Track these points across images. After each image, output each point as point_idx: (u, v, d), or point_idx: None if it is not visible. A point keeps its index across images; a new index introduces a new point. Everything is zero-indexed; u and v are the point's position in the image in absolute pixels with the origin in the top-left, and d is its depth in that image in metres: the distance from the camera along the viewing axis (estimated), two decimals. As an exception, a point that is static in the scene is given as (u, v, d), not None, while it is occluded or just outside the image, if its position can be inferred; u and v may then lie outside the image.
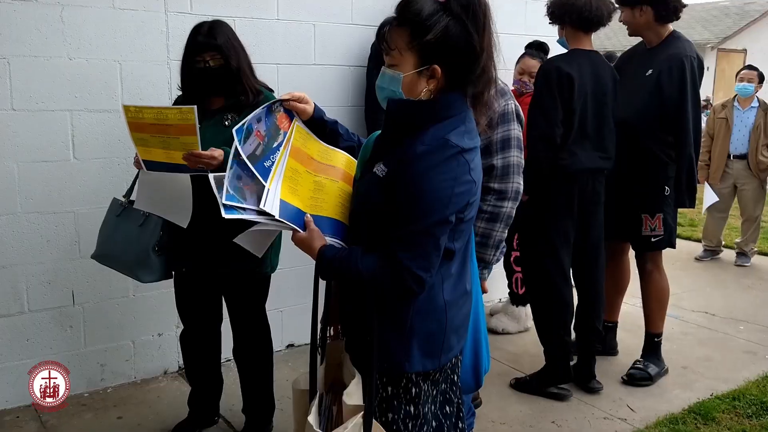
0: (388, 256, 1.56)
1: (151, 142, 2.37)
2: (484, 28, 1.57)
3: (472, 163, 1.60)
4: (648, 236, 3.53)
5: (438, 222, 1.54)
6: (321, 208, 1.76)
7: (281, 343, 3.83)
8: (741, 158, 6.01)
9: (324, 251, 1.66)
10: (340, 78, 3.79)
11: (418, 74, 1.59)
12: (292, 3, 3.55)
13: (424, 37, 1.55)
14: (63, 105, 3.05)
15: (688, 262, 6.22)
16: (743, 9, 20.54)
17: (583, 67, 3.15)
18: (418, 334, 1.66)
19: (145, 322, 3.40)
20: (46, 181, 3.06)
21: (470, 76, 1.61)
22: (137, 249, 2.59)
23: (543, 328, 3.39)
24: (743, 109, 6.03)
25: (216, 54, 2.54)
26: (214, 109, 2.63)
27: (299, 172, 1.77)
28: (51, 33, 2.98)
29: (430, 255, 1.56)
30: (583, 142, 3.19)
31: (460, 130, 1.59)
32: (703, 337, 4.31)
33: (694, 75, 3.38)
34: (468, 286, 1.78)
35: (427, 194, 1.52)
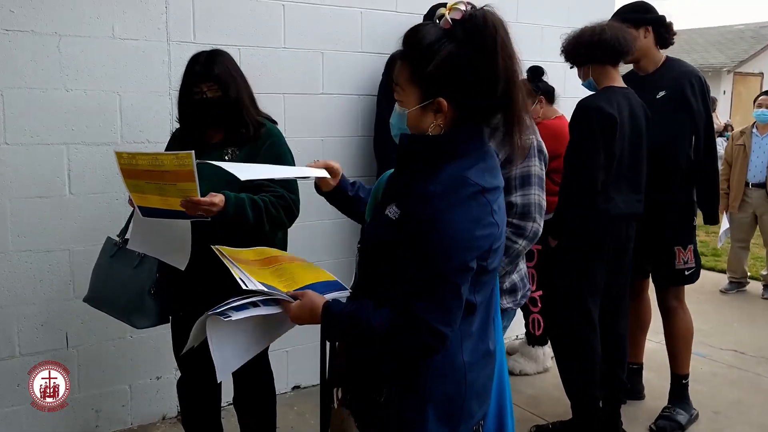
0: (402, 308, 1.38)
1: (146, 188, 2.23)
2: (497, 51, 1.37)
3: (495, 204, 1.42)
4: (681, 269, 3.35)
5: (458, 268, 1.36)
6: (297, 283, 1.61)
7: (286, 385, 3.65)
8: (759, 187, 5.78)
9: (329, 306, 1.49)
10: (349, 108, 3.65)
11: (423, 109, 1.45)
12: (298, 31, 3.43)
13: (425, 69, 1.41)
14: (59, 138, 2.92)
15: (714, 294, 5.98)
16: (758, 32, 20.39)
17: (622, 106, 2.93)
18: (434, 398, 1.47)
19: (143, 365, 3.24)
20: (40, 217, 2.92)
21: (487, 107, 1.44)
22: (132, 292, 2.43)
23: (570, 381, 3.16)
24: (762, 136, 5.82)
25: (213, 84, 2.40)
26: (214, 143, 2.49)
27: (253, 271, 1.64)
28: (47, 64, 2.86)
29: (450, 306, 1.37)
30: (619, 185, 2.97)
31: (479, 167, 1.43)
32: (734, 377, 4.08)
33: (705, 93, 3.31)
34: (491, 345, 1.58)
35: (445, 237, 1.35)
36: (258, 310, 1.53)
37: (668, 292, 3.44)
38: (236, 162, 2.43)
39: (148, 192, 2.23)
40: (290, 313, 1.54)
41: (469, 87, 1.41)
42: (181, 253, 2.36)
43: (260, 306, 1.54)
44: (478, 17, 1.39)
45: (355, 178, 3.66)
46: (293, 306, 1.53)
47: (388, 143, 3.45)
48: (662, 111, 3.21)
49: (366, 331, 1.41)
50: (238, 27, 3.27)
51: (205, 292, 2.42)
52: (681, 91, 3.24)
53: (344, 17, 3.56)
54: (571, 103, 3.52)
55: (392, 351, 1.42)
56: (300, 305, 1.53)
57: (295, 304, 1.53)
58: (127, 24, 3.01)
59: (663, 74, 3.33)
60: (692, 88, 3.25)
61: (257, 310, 1.53)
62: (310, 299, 1.52)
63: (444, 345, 1.39)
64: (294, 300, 1.55)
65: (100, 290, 2.52)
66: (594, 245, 2.99)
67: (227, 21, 3.23)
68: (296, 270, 1.71)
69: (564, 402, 3.23)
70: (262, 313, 1.53)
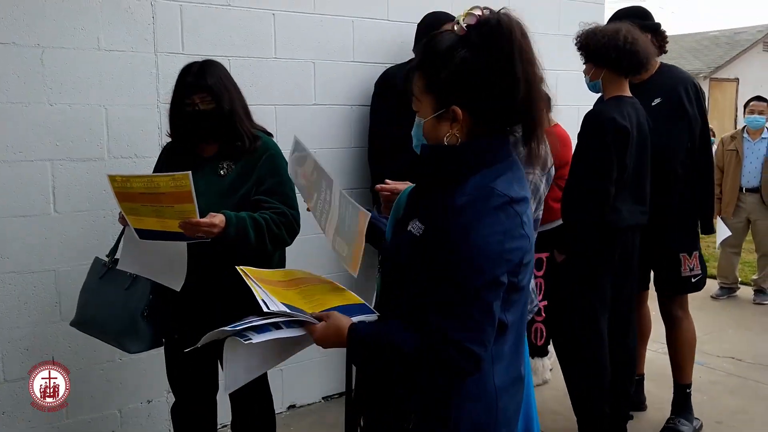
0: (431, 329, 1.29)
1: (142, 211, 2.15)
2: (513, 55, 1.31)
3: (524, 216, 1.35)
4: (688, 277, 3.30)
5: (489, 283, 1.28)
6: (323, 304, 1.53)
7: (282, 404, 3.54)
8: (754, 191, 5.80)
9: (355, 327, 1.41)
10: (342, 118, 3.57)
11: (438, 118, 1.38)
12: (289, 41, 3.35)
13: (439, 76, 1.35)
14: (43, 154, 2.80)
15: (704, 300, 5.96)
16: (733, 38, 20.70)
17: (632, 118, 2.86)
18: (464, 424, 1.38)
19: (133, 388, 3.11)
20: (24, 237, 2.80)
21: (505, 114, 1.37)
22: (123, 315, 2.33)
23: (578, 396, 3.09)
24: (753, 141, 5.85)
25: (206, 96, 2.31)
26: (207, 156, 2.40)
27: (278, 292, 1.56)
28: (30, 77, 2.75)
29: (482, 324, 1.29)
30: (624, 197, 2.91)
31: (507, 177, 1.35)
32: (734, 386, 4.04)
33: (701, 98, 3.30)
34: (522, 370, 1.50)
35: (474, 251, 1.27)
36: (280, 332, 1.45)
37: (673, 301, 3.39)
38: (232, 175, 2.35)
39: (145, 215, 2.15)
40: (314, 335, 1.45)
41: (485, 93, 1.34)
42: (176, 274, 2.27)
43: (283, 328, 1.47)
44: (493, 21, 1.34)
45: (348, 189, 3.61)
46: (318, 327, 1.45)
47: (383, 154, 3.39)
48: (658, 118, 3.17)
49: (393, 355, 1.34)
50: (228, 37, 3.18)
51: (202, 314, 2.33)
52: (677, 98, 3.21)
53: (336, 26, 3.49)
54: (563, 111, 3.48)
55: (422, 375, 1.34)
56: (325, 327, 1.44)
57: (320, 326, 1.45)
58: (112, 35, 2.91)
59: (658, 81, 3.29)
60: (687, 95, 3.22)
61: (279, 333, 1.45)
62: (336, 321, 1.44)
63: (477, 367, 1.31)
64: (318, 321, 1.47)
65: (89, 314, 2.41)
66: (601, 257, 2.93)
67: (216, 31, 3.14)
68: (323, 292, 1.63)
69: (565, 415, 3.16)
70: (284, 335, 1.46)
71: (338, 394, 3.70)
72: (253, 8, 3.23)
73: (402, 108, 3.41)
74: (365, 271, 3.43)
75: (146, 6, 2.97)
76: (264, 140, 2.46)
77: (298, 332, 1.47)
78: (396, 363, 1.35)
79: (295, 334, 1.46)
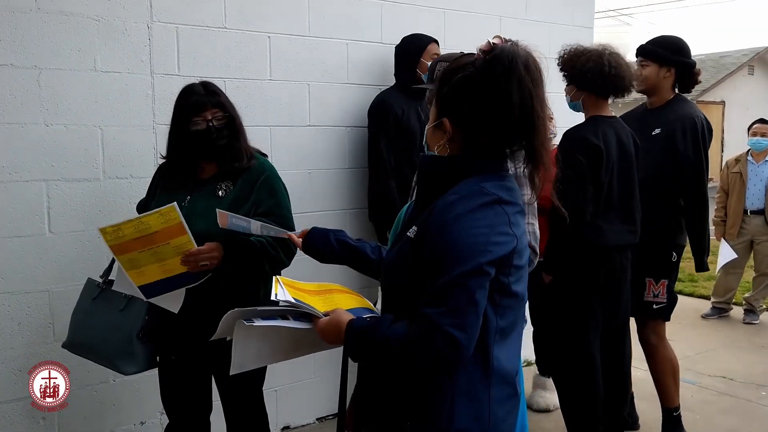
0: (417, 316, 1.35)
1: (141, 259, 2.15)
2: (512, 80, 1.39)
3: (513, 217, 1.41)
4: (650, 302, 3.31)
5: (472, 271, 1.33)
6: (336, 305, 1.58)
7: (276, 425, 3.52)
8: (758, 213, 5.82)
9: (352, 323, 1.46)
10: (337, 139, 3.60)
11: (436, 128, 1.51)
12: (284, 63, 3.39)
13: (442, 90, 1.49)
14: (38, 175, 2.81)
15: (695, 320, 6.00)
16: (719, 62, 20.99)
17: (609, 136, 2.89)
18: (456, 430, 1.41)
19: (127, 410, 3.09)
20: (18, 257, 2.79)
21: (501, 133, 1.44)
22: (119, 337, 2.32)
23: (573, 421, 3.08)
24: (758, 163, 5.87)
25: (218, 111, 2.34)
26: (206, 178, 2.41)
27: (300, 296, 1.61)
28: (27, 98, 2.76)
29: (464, 311, 1.33)
30: (609, 216, 2.92)
31: (496, 183, 1.44)
32: (726, 405, 4.05)
33: (705, 136, 3.27)
34: (517, 387, 1.53)
35: (459, 240, 1.35)
36: (286, 322, 1.53)
37: (646, 327, 3.41)
38: (231, 196, 2.36)
39: (145, 263, 2.16)
40: (317, 328, 1.52)
41: (477, 111, 1.43)
42: (174, 296, 2.27)
43: (290, 319, 1.54)
44: (498, 49, 1.42)
45: (343, 210, 3.63)
46: (321, 321, 1.52)
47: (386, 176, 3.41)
48: (652, 148, 3.21)
49: (383, 345, 1.39)
50: (224, 59, 3.21)
51: (200, 335, 2.32)
52: (672, 134, 3.23)
53: (330, 49, 3.53)
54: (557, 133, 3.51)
55: (407, 360, 1.38)
56: (327, 321, 1.51)
57: (323, 320, 1.52)
58: (109, 56, 2.93)
59: (663, 113, 3.32)
60: (683, 133, 3.23)
61: (285, 322, 1.53)
62: (338, 316, 1.50)
63: (459, 353, 1.34)
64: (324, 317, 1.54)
65: (83, 336, 2.39)
66: (587, 279, 2.94)
67: (212, 53, 3.18)
68: (344, 298, 1.67)
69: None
70: (290, 325, 1.52)
71: (332, 415, 3.68)
72: (248, 31, 3.27)
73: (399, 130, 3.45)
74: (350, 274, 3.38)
75: (142, 28, 3.00)
76: (260, 160, 2.48)
77: (303, 325, 1.52)
78: (386, 353, 1.40)
79: (301, 326, 1.52)
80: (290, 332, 1.53)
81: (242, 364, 1.59)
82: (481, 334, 1.38)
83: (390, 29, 3.70)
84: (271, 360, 1.68)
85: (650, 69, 3.30)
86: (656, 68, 3.31)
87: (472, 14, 4.07)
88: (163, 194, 2.41)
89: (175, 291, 2.25)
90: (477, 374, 1.41)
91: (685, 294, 6.73)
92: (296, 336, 1.55)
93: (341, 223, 3.62)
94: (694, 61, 3.37)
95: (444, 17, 3.94)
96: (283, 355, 1.69)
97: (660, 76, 3.31)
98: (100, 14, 2.90)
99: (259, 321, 1.50)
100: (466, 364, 1.39)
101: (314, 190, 3.54)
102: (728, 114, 20.09)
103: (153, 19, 3.02)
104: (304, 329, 1.52)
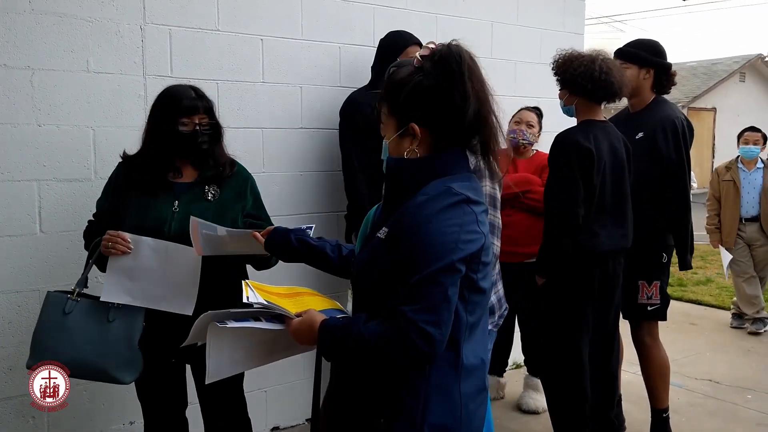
0: (391, 314, 1.39)
1: None
2: (464, 76, 1.47)
3: (480, 216, 1.47)
4: (644, 304, 3.35)
5: (444, 268, 1.38)
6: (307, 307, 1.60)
7: (265, 426, 3.54)
8: (753, 221, 5.83)
9: (325, 323, 1.49)
10: (329, 142, 3.62)
11: (400, 137, 1.54)
12: (277, 66, 3.41)
13: (398, 100, 1.53)
14: (30, 174, 2.82)
15: (683, 324, 6.05)
16: (710, 69, 21.16)
17: (600, 140, 2.92)
18: (430, 425, 1.45)
19: (116, 409, 3.09)
20: (9, 257, 2.81)
21: (459, 130, 1.50)
22: (117, 348, 2.26)
23: (559, 423, 3.11)
24: (749, 171, 5.89)
25: (206, 117, 2.36)
26: (189, 182, 2.41)
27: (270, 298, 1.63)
28: (19, 98, 2.78)
29: (438, 307, 1.37)
30: (603, 220, 2.94)
31: (464, 184, 1.49)
32: (712, 408, 4.10)
33: (686, 136, 3.32)
34: (486, 382, 1.59)
35: (432, 239, 1.39)
36: (258, 324, 1.54)
37: (641, 328, 3.44)
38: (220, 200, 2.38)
39: None
40: (290, 329, 1.55)
41: (438, 110, 1.49)
42: (187, 297, 2.25)
43: (263, 321, 1.56)
44: (443, 49, 1.50)
45: (336, 212, 3.65)
46: (294, 322, 1.55)
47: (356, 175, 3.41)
48: (637, 152, 3.24)
49: (357, 341, 1.42)
50: (216, 61, 3.23)
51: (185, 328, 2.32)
52: (653, 136, 3.28)
53: (322, 52, 3.56)
54: (546, 138, 3.56)
55: (383, 358, 1.42)
56: (300, 321, 1.54)
57: (296, 321, 1.55)
58: (102, 58, 2.95)
59: (645, 116, 3.37)
60: (665, 134, 3.27)
61: (258, 324, 1.54)
62: (310, 317, 1.53)
63: (433, 349, 1.38)
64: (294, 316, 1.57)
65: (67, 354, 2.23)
66: (581, 283, 2.97)
67: (205, 55, 3.20)
68: (314, 300, 1.70)
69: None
70: (262, 326, 1.54)
71: (321, 416, 3.69)
72: (241, 33, 3.29)
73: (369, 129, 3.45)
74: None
75: (135, 30, 3.02)
76: (240, 166, 2.53)
77: (276, 326, 1.54)
78: (361, 351, 1.43)
79: (273, 327, 1.54)
80: (263, 335, 1.54)
81: (218, 371, 1.59)
82: (452, 331, 1.42)
83: (382, 33, 3.72)
84: (246, 366, 1.68)
85: (631, 71, 3.34)
86: (636, 70, 3.35)
87: (464, 19, 4.10)
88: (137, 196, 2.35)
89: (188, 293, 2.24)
90: (448, 370, 1.46)
91: (674, 298, 6.73)
92: (269, 339, 1.56)
93: (332, 225, 3.65)
94: (670, 63, 3.43)
95: (436, 21, 3.97)
96: (258, 360, 1.70)
97: (640, 77, 3.35)
98: (93, 16, 2.91)
99: (232, 323, 1.52)
100: (439, 360, 1.43)
101: (306, 192, 3.56)
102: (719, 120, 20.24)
103: (146, 21, 3.04)
104: (277, 330, 1.54)
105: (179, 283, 2.26)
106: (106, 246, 2.26)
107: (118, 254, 2.24)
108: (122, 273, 2.27)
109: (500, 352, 4.08)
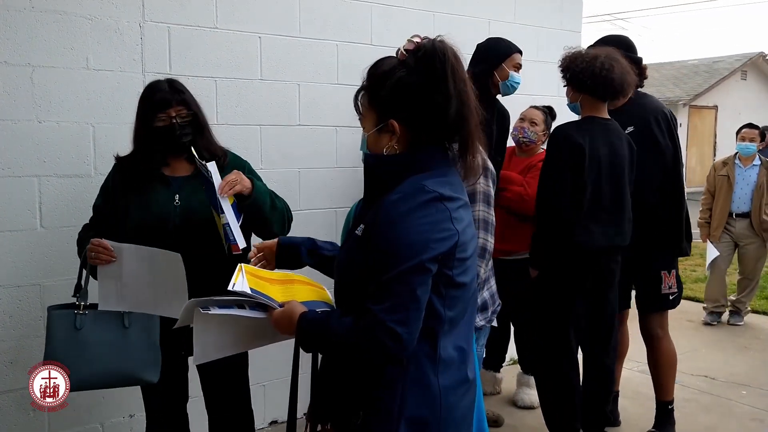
0: (362, 312, 1.41)
1: None
2: (446, 75, 1.47)
3: (455, 213, 1.47)
4: (667, 294, 3.41)
5: (413, 268, 1.38)
6: (294, 296, 1.63)
7: (263, 420, 3.58)
8: (743, 217, 5.89)
9: (304, 316, 1.51)
10: (327, 139, 3.65)
11: (379, 132, 1.54)
12: (275, 63, 3.44)
13: (379, 94, 1.52)
14: (30, 170, 2.86)
15: (679, 321, 6.04)
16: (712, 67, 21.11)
17: (596, 136, 2.93)
18: (407, 418, 1.47)
19: (116, 402, 3.13)
20: (9, 251, 2.84)
21: (440, 128, 1.51)
22: (141, 351, 2.30)
23: (550, 415, 3.15)
24: (745, 167, 5.94)
25: (182, 109, 2.36)
26: (186, 176, 2.43)
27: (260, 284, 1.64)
28: (20, 95, 2.81)
29: (406, 306, 1.38)
30: (598, 217, 2.96)
31: (439, 180, 1.49)
32: (707, 403, 4.13)
33: (675, 126, 3.39)
34: (470, 374, 1.59)
35: (402, 239, 1.40)
36: (242, 311, 1.56)
37: (652, 320, 3.48)
38: None
39: None
40: (272, 319, 1.56)
41: (420, 108, 1.49)
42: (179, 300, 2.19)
43: (246, 308, 1.58)
44: (428, 46, 1.49)
45: (333, 209, 3.68)
46: (276, 312, 1.56)
47: None
48: (637, 143, 3.27)
49: (330, 336, 1.44)
50: (215, 58, 3.26)
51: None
52: (648, 128, 3.30)
53: (321, 49, 3.59)
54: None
55: (353, 354, 1.44)
56: (281, 312, 1.55)
57: (277, 311, 1.56)
58: (101, 55, 2.98)
59: (630, 110, 3.39)
60: (658, 124, 3.31)
61: (241, 312, 1.56)
62: (291, 308, 1.54)
63: (401, 347, 1.39)
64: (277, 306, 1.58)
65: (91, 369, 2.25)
66: (573, 278, 2.99)
67: (204, 52, 3.23)
68: (303, 290, 1.71)
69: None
70: (245, 314, 1.56)
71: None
72: (239, 31, 3.32)
73: None
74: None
75: (135, 27, 3.05)
76: (232, 154, 2.54)
77: (259, 314, 1.57)
78: (333, 345, 1.46)
79: (256, 315, 1.56)
80: (248, 321, 1.57)
81: (204, 354, 1.62)
82: (429, 325, 1.44)
83: (378, 32, 3.76)
84: (232, 350, 1.70)
85: None
86: None
87: (462, 17, 4.13)
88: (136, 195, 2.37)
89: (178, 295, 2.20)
90: (426, 363, 1.47)
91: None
92: (254, 325, 1.59)
93: (330, 222, 3.68)
94: (641, 57, 3.46)
95: (433, 19, 4.00)
96: (244, 344, 1.73)
97: None
98: (93, 13, 2.95)
99: (216, 309, 1.55)
100: (417, 354, 1.45)
101: (303, 189, 3.59)
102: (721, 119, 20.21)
103: (145, 19, 3.07)
104: (259, 319, 1.57)
105: (168, 288, 2.24)
106: (90, 256, 2.27)
107: (103, 264, 2.26)
108: (113, 281, 2.27)
109: (496, 347, 4.12)
